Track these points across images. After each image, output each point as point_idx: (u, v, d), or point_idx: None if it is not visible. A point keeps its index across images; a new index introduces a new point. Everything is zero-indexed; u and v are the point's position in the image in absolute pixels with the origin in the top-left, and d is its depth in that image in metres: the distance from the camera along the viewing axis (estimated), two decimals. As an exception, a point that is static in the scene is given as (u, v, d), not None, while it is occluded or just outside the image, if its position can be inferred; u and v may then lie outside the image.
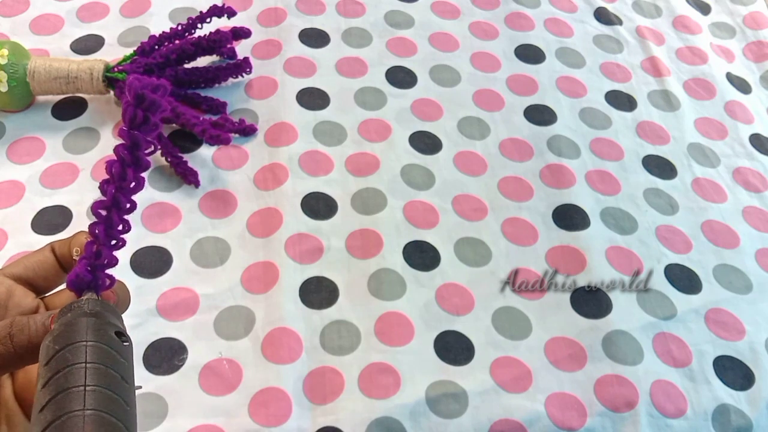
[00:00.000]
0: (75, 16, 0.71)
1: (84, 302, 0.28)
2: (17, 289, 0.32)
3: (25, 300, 0.32)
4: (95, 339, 0.27)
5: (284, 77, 0.68)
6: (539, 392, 0.51)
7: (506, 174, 0.64)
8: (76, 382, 0.25)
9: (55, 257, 0.33)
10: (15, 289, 0.31)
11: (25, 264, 0.32)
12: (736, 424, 0.52)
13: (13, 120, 0.62)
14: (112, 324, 0.28)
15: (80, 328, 0.27)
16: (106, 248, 0.29)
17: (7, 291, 0.31)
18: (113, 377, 0.26)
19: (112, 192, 0.28)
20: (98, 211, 0.29)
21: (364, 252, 0.57)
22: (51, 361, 0.26)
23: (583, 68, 0.75)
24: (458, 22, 0.77)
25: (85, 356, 0.26)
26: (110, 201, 0.28)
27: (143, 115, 0.27)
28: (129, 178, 0.28)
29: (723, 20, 0.84)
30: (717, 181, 0.67)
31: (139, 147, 0.27)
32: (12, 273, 0.32)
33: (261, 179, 0.61)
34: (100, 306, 0.28)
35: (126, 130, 0.27)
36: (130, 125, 0.27)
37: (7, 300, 0.31)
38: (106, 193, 0.29)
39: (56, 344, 0.26)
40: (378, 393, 0.50)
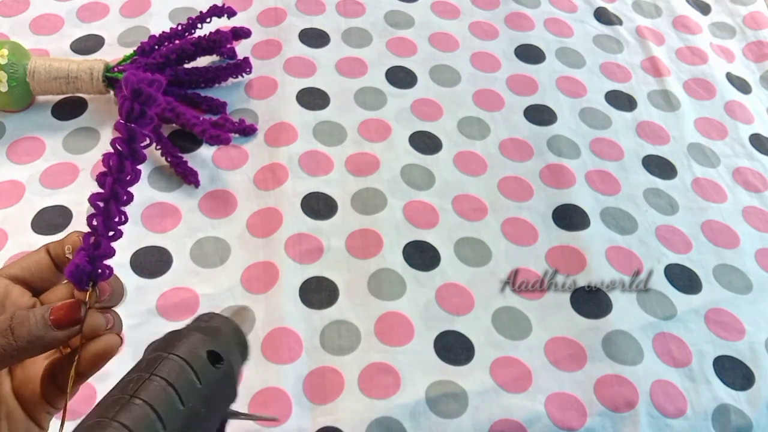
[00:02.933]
0: (75, 16, 0.71)
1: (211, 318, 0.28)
2: (14, 288, 0.32)
3: (22, 299, 0.32)
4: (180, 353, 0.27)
5: (284, 77, 0.68)
6: (539, 392, 0.51)
7: (506, 174, 0.64)
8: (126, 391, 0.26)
9: (50, 258, 0.33)
10: (12, 289, 0.32)
11: (21, 265, 0.32)
12: (736, 424, 0.52)
13: (13, 120, 0.62)
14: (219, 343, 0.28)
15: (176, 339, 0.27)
16: (104, 239, 0.30)
17: (4, 290, 0.31)
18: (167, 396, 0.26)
19: (110, 184, 0.28)
20: (96, 203, 0.29)
21: (364, 252, 0.57)
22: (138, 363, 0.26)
23: (583, 68, 0.75)
24: (458, 22, 0.77)
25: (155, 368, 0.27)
26: (108, 193, 0.29)
27: (140, 108, 0.27)
28: (126, 171, 0.28)
29: (723, 20, 0.84)
30: (717, 181, 0.67)
31: (136, 140, 0.28)
32: (8, 273, 0.32)
33: (261, 179, 0.61)
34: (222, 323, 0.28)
35: (123, 123, 0.28)
36: (127, 118, 0.27)
37: (4, 299, 0.31)
38: (104, 186, 0.29)
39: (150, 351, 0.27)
40: (378, 393, 0.50)
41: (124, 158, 0.28)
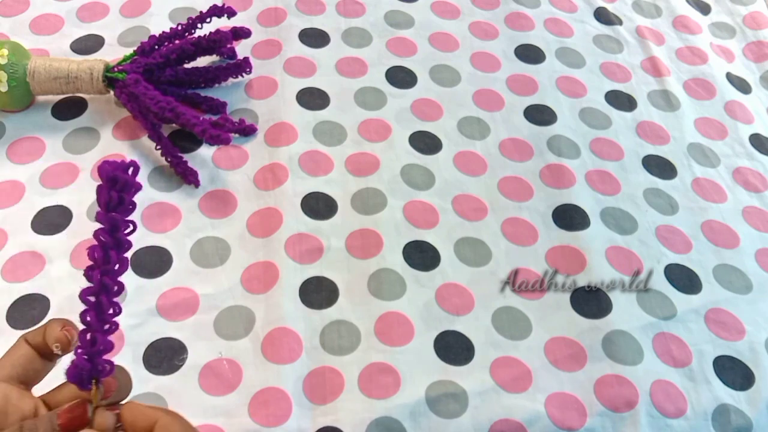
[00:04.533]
0: (75, 16, 0.71)
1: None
2: (12, 391, 0.31)
3: (23, 401, 0.31)
4: None
5: (284, 77, 0.68)
6: (539, 392, 0.51)
7: (506, 174, 0.64)
8: None
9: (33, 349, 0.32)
10: (10, 393, 0.31)
11: (11, 362, 0.32)
12: (735, 424, 0.52)
13: (13, 120, 0.62)
14: None
15: None
16: (100, 334, 0.29)
17: (4, 396, 0.31)
18: None
19: (98, 277, 0.28)
20: (87, 299, 0.29)
21: (364, 252, 0.57)
22: None
23: (583, 68, 0.75)
24: (458, 22, 0.77)
25: None
26: (98, 286, 0.29)
27: (118, 196, 0.27)
28: (113, 261, 0.28)
29: (723, 20, 0.84)
30: (717, 181, 0.67)
31: (119, 228, 0.28)
32: (3, 376, 0.31)
33: (261, 179, 0.61)
34: None
35: (103, 213, 0.28)
36: (107, 208, 0.27)
37: (5, 405, 0.30)
38: (92, 279, 0.29)
39: None
40: (378, 393, 0.50)
41: (108, 249, 0.28)
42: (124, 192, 0.27)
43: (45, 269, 0.54)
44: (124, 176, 0.27)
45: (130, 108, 0.61)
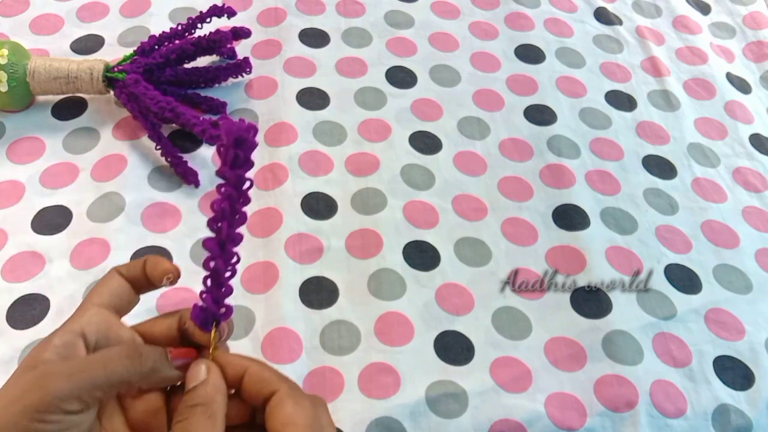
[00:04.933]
0: (75, 16, 0.71)
1: None
2: (113, 319, 0.33)
3: (123, 330, 0.33)
4: None
5: (284, 77, 0.68)
6: (539, 392, 0.51)
7: (506, 174, 0.64)
8: None
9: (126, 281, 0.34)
10: (112, 320, 0.33)
11: (110, 291, 0.33)
12: (735, 424, 0.52)
13: (13, 120, 0.62)
14: None
15: None
16: (226, 280, 0.32)
17: (106, 321, 0.32)
18: None
19: (227, 228, 0.31)
20: (213, 247, 0.31)
21: (364, 252, 0.57)
22: None
23: (583, 68, 0.75)
24: (458, 22, 0.77)
25: None
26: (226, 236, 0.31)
27: (243, 155, 0.29)
28: (241, 215, 0.31)
29: (723, 20, 0.84)
30: (717, 181, 0.67)
31: (243, 184, 0.30)
32: (102, 302, 0.33)
33: (261, 179, 0.61)
34: None
35: (229, 170, 0.30)
36: (233, 166, 0.29)
37: (107, 330, 0.32)
38: (217, 231, 0.31)
39: None
40: (378, 393, 0.50)
41: (235, 203, 0.30)
42: (248, 152, 0.29)
43: (45, 269, 0.54)
44: (248, 137, 0.29)
45: (130, 108, 0.61)
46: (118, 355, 0.30)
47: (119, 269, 0.34)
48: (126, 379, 0.30)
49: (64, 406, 0.28)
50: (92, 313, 0.32)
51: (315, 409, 0.31)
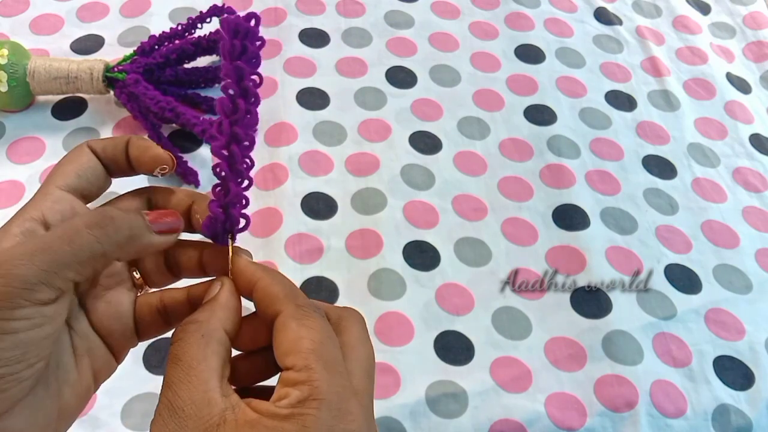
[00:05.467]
0: (75, 16, 0.71)
1: None
2: (79, 206, 0.28)
3: None
4: None
5: (284, 77, 0.68)
6: (539, 392, 0.51)
7: (506, 174, 0.64)
8: None
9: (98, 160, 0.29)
10: (78, 206, 0.28)
11: (77, 171, 0.29)
12: (735, 424, 0.52)
13: (13, 120, 0.62)
14: None
15: None
16: (234, 185, 0.29)
17: (70, 207, 0.28)
18: None
19: (227, 126, 0.28)
20: (220, 151, 0.28)
21: (364, 252, 0.57)
22: None
23: (583, 68, 0.75)
24: (458, 22, 0.77)
25: None
26: (228, 135, 0.28)
27: (241, 44, 0.27)
28: (241, 110, 0.27)
29: (723, 20, 0.84)
30: (717, 181, 0.67)
31: (244, 77, 0.27)
32: (67, 185, 0.28)
33: (261, 179, 0.61)
34: None
35: (227, 62, 0.27)
36: (231, 57, 0.27)
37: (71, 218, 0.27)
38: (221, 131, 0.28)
39: None
40: (378, 393, 0.50)
41: (236, 98, 0.27)
42: (247, 41, 0.27)
43: (45, 269, 0.54)
44: (245, 25, 0.26)
45: (130, 108, 0.61)
46: (84, 224, 0.25)
47: (92, 144, 0.29)
48: (99, 251, 0.25)
49: (32, 296, 0.23)
50: (54, 197, 0.27)
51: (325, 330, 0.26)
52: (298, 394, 0.24)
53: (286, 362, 0.25)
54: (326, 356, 0.25)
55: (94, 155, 0.29)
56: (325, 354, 0.25)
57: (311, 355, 0.24)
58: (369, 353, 0.27)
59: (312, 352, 0.25)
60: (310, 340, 0.25)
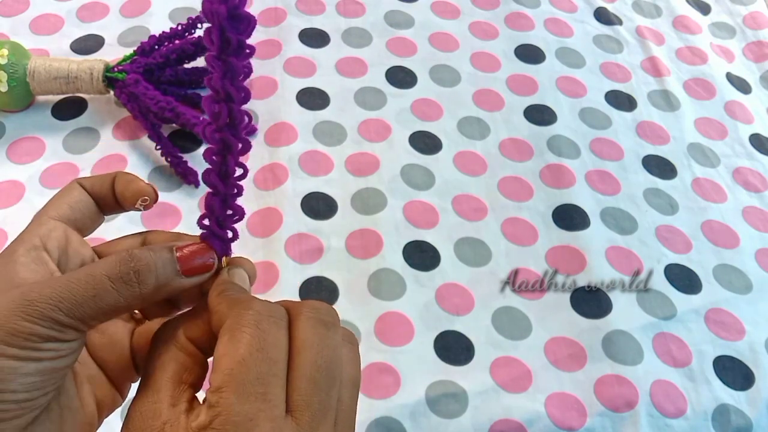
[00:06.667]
0: (75, 16, 0.71)
1: None
2: (73, 235, 0.28)
3: (84, 248, 0.28)
4: None
5: (284, 77, 0.68)
6: (539, 392, 0.51)
7: (506, 174, 0.64)
8: None
9: (90, 196, 0.29)
10: (71, 235, 0.28)
11: (69, 204, 0.28)
12: (736, 424, 0.52)
13: (13, 120, 0.62)
14: None
15: None
16: (230, 197, 0.27)
17: (65, 236, 0.27)
18: None
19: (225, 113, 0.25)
20: (212, 158, 0.26)
21: (364, 252, 0.57)
22: None
23: (583, 68, 0.75)
24: (458, 22, 0.77)
25: None
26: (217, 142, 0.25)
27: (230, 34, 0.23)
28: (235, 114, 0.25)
29: (723, 20, 0.84)
30: (717, 181, 0.67)
31: (236, 75, 0.24)
32: (60, 215, 0.28)
33: (261, 179, 0.61)
34: None
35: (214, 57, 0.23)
36: (220, 51, 0.23)
37: (66, 246, 0.27)
38: (210, 139, 0.25)
39: None
40: (378, 393, 0.50)
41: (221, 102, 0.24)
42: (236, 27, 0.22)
43: (45, 269, 0.54)
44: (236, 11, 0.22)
45: (130, 108, 0.61)
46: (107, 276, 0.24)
47: (81, 181, 0.29)
48: (123, 306, 0.24)
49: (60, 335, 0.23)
50: (49, 226, 0.27)
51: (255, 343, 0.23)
52: (203, 419, 0.23)
53: (210, 378, 0.24)
54: (244, 376, 0.23)
55: (84, 191, 0.29)
56: (244, 374, 0.23)
57: (226, 376, 0.23)
58: (316, 357, 0.24)
59: (228, 373, 0.23)
60: (231, 357, 0.23)
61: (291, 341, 0.24)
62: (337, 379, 0.25)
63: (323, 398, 0.24)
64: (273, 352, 0.23)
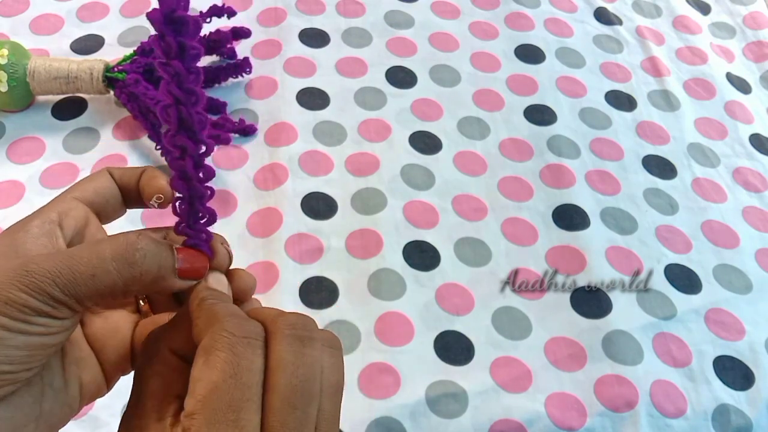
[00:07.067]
0: (75, 16, 0.71)
1: None
2: (93, 219, 0.28)
3: (100, 233, 0.28)
4: None
5: (284, 77, 0.68)
6: (539, 392, 0.51)
7: (506, 174, 0.64)
8: None
9: (117, 185, 0.29)
10: (91, 219, 0.28)
11: (95, 189, 0.28)
12: (735, 424, 0.52)
13: (13, 120, 0.62)
14: None
15: None
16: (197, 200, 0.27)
17: (85, 218, 0.27)
18: None
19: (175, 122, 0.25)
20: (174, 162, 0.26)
21: (364, 252, 0.57)
22: None
23: (583, 68, 0.75)
24: (458, 22, 0.77)
25: None
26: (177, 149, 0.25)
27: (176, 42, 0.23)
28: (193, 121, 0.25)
29: (723, 20, 0.84)
30: (717, 181, 0.67)
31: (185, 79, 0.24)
32: (84, 198, 0.28)
33: (261, 179, 0.61)
34: None
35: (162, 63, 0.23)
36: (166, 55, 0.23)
37: (83, 228, 0.27)
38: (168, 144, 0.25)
39: None
40: (378, 393, 0.50)
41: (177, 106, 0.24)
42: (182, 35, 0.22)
43: (45, 269, 0.54)
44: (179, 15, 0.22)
45: (130, 108, 0.61)
46: (111, 255, 0.24)
47: (112, 170, 0.29)
48: (120, 289, 0.24)
49: (53, 312, 0.23)
50: (71, 205, 0.27)
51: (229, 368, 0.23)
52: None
53: (185, 401, 0.24)
54: (216, 404, 0.22)
55: (112, 179, 0.29)
56: (216, 401, 0.23)
57: (198, 403, 0.23)
58: (290, 377, 0.24)
59: (200, 400, 0.23)
60: (205, 383, 0.23)
61: (267, 360, 0.24)
62: (315, 395, 0.25)
63: (299, 416, 0.24)
64: (246, 377, 0.23)
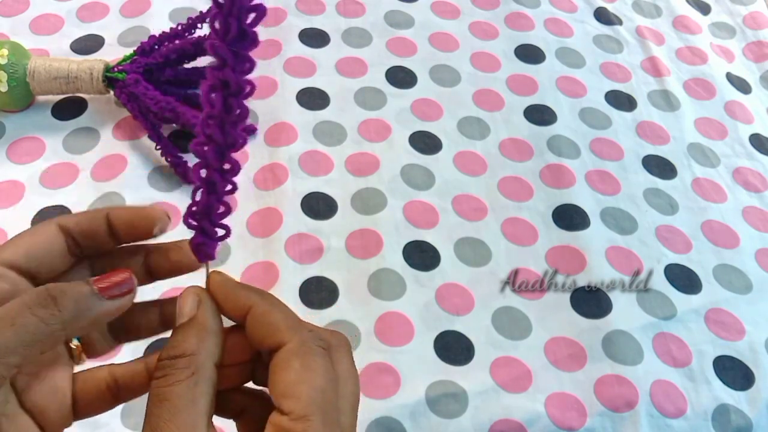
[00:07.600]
0: (75, 16, 0.71)
1: None
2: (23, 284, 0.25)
3: None
4: None
5: (284, 77, 0.68)
6: (539, 392, 0.51)
7: (506, 174, 0.64)
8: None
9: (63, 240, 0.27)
10: (20, 285, 0.25)
11: (27, 250, 0.26)
12: (736, 424, 0.52)
13: (13, 120, 0.62)
14: None
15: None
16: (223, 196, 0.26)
17: (12, 288, 0.25)
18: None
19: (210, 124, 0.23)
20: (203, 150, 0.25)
21: (364, 252, 0.57)
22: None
23: (583, 68, 0.75)
24: (458, 22, 0.77)
25: None
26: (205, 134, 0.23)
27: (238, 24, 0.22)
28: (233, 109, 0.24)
29: (723, 20, 0.84)
30: (717, 181, 0.67)
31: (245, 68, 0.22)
32: (10, 262, 0.25)
33: (261, 179, 0.61)
34: None
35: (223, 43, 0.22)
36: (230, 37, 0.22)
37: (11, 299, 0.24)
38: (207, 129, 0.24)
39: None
40: (378, 393, 0.50)
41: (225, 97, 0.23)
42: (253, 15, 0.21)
43: (45, 269, 0.54)
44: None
45: (130, 108, 0.61)
46: (27, 304, 0.23)
47: (63, 221, 0.27)
48: (45, 332, 0.23)
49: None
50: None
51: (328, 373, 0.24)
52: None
53: (282, 405, 0.23)
54: (326, 406, 0.23)
55: (60, 233, 0.27)
56: (325, 404, 0.23)
57: (311, 405, 0.23)
58: (356, 387, 0.26)
59: (312, 402, 0.23)
60: (312, 386, 0.23)
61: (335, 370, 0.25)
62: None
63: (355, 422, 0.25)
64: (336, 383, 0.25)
